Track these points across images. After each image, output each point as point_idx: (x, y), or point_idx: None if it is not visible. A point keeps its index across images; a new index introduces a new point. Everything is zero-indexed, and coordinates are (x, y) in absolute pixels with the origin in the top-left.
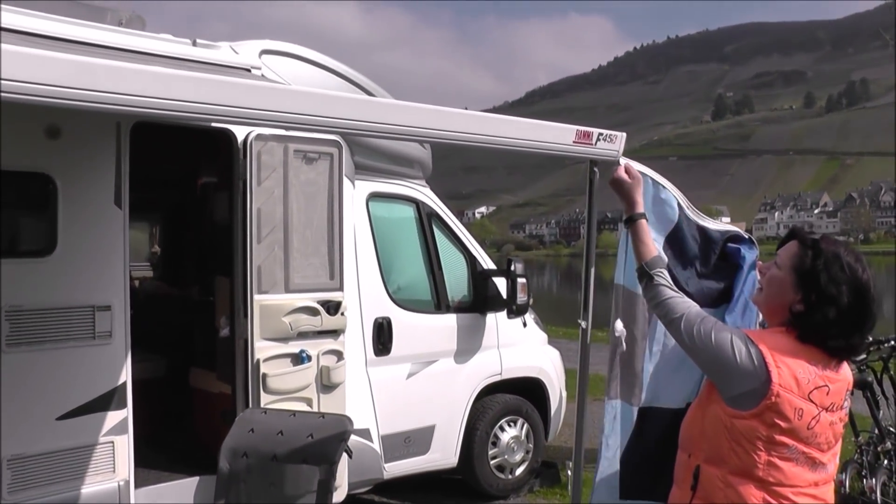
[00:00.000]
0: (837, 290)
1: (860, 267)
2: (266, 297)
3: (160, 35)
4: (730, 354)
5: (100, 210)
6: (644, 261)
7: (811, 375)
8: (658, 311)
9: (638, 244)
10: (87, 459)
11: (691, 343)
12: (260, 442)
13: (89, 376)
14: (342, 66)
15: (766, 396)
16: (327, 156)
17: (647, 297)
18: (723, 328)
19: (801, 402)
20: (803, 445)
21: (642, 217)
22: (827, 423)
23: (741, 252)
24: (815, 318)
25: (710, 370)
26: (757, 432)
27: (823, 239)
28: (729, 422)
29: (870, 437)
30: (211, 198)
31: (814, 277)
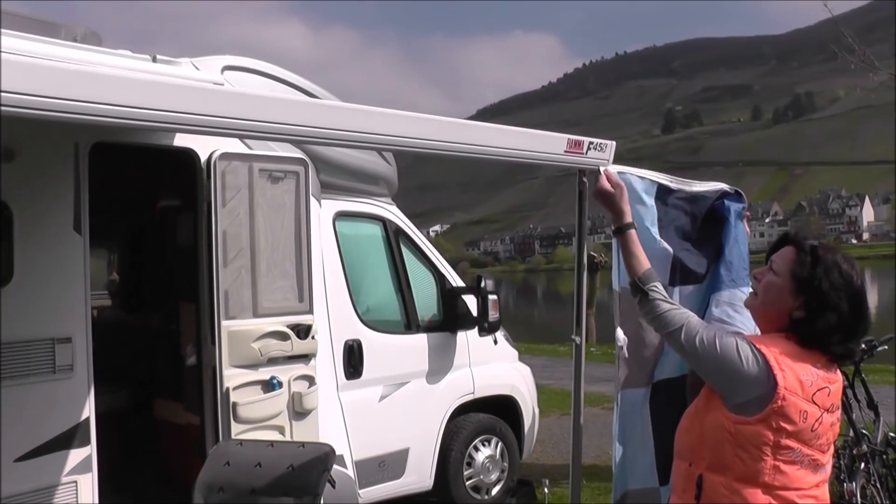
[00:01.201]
0: (838, 297)
1: (855, 273)
2: (234, 323)
3: (119, 51)
4: (736, 361)
5: (58, 236)
6: (637, 275)
7: (814, 378)
8: (656, 324)
9: (629, 257)
10: (49, 501)
11: (693, 352)
12: (237, 475)
13: (50, 413)
14: (306, 82)
15: (772, 401)
16: (293, 174)
17: (644, 311)
18: (726, 334)
19: (806, 404)
20: (807, 448)
21: (631, 227)
22: (828, 423)
23: (725, 204)
24: (818, 325)
25: (715, 378)
26: (763, 437)
27: (821, 245)
28: (733, 428)
29: (845, 440)
30: (173, 221)
31: (814, 284)
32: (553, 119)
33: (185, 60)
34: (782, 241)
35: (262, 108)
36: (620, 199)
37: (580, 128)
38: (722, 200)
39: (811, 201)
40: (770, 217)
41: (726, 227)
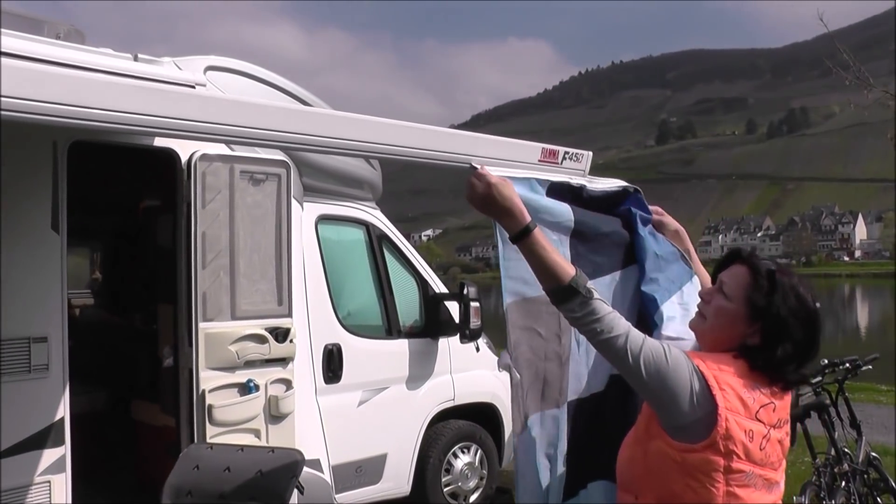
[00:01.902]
0: (794, 326)
1: (811, 297)
2: (211, 325)
3: (100, 49)
4: (685, 377)
5: (35, 235)
6: (570, 277)
7: (756, 394)
8: (594, 328)
9: (546, 260)
10: (22, 501)
11: (637, 364)
12: (205, 479)
13: (24, 413)
14: (290, 83)
15: (715, 425)
16: (275, 177)
17: (579, 315)
18: (673, 350)
19: (751, 423)
20: (759, 468)
21: (535, 225)
22: (776, 440)
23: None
24: (777, 355)
25: (659, 396)
26: (713, 464)
27: (778, 268)
28: (679, 457)
29: (827, 458)
30: (154, 221)
31: (772, 311)
32: (546, 127)
33: (168, 60)
34: (731, 257)
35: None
36: (512, 196)
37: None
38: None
39: (803, 217)
40: (762, 231)
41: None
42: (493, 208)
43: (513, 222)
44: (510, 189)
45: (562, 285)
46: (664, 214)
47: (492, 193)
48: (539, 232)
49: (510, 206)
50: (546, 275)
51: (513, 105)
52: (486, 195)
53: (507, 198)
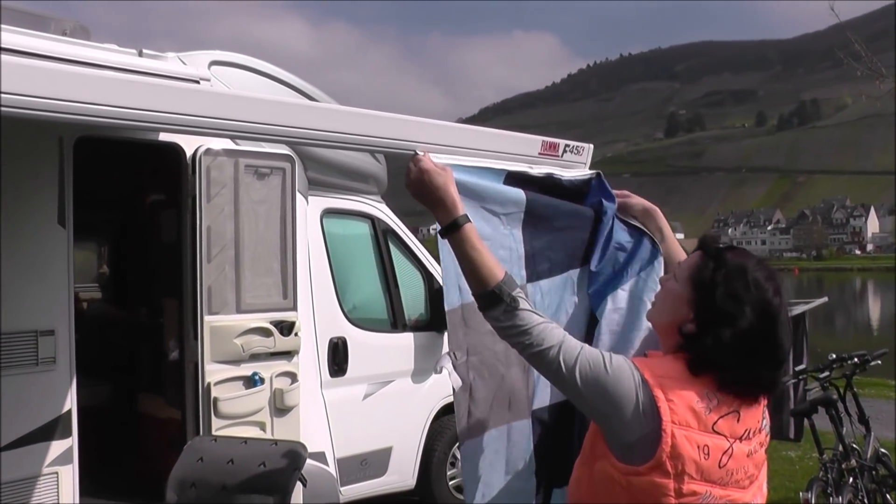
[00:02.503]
0: (736, 309)
1: (771, 287)
2: (217, 319)
3: (105, 45)
4: (629, 388)
5: (42, 229)
6: (496, 282)
7: (712, 402)
8: (521, 340)
9: (474, 260)
10: (30, 492)
11: (572, 376)
12: (209, 472)
13: (31, 405)
14: (295, 77)
15: (660, 442)
16: (279, 171)
17: (505, 325)
18: (613, 354)
19: (705, 437)
20: (719, 489)
21: (466, 220)
22: (743, 454)
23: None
24: (706, 342)
25: (602, 411)
26: (661, 488)
27: (732, 249)
28: (624, 480)
29: (834, 454)
30: (159, 216)
31: (711, 291)
32: (554, 120)
33: (172, 55)
34: (698, 245)
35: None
36: (447, 186)
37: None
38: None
39: (814, 210)
40: (772, 225)
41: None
42: (424, 197)
43: (443, 214)
44: (445, 178)
45: (486, 290)
46: (630, 195)
47: (423, 180)
48: (471, 228)
49: (442, 197)
50: (472, 276)
51: (520, 98)
52: (418, 181)
53: (438, 187)
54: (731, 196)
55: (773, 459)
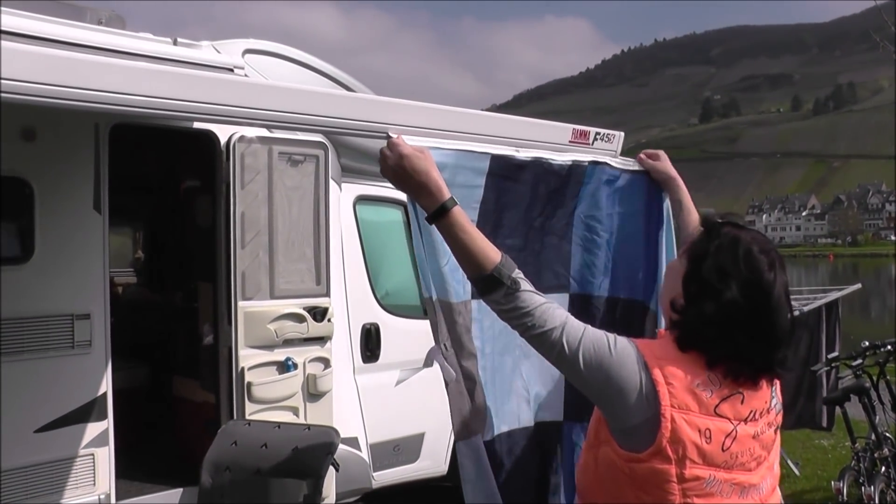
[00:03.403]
0: (721, 282)
1: (765, 261)
2: (250, 304)
3: (141, 34)
4: (633, 370)
5: (78, 215)
6: (493, 265)
7: (714, 385)
8: (522, 321)
9: (468, 244)
10: (67, 473)
11: (575, 358)
12: (243, 455)
13: (68, 387)
14: (328, 65)
15: (660, 427)
16: (313, 158)
17: (506, 307)
18: (618, 339)
19: (707, 420)
20: (724, 472)
21: (454, 203)
22: (748, 436)
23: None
24: (687, 316)
25: (605, 394)
26: (663, 474)
27: (731, 223)
28: (627, 467)
29: (866, 443)
30: (194, 202)
31: (700, 263)
32: (589, 106)
33: (206, 44)
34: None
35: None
36: (429, 170)
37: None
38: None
39: (850, 195)
40: (807, 210)
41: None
42: (405, 183)
43: (428, 199)
44: (426, 161)
45: (483, 274)
46: (660, 157)
47: (403, 165)
48: (459, 211)
49: (425, 181)
50: (467, 261)
51: (555, 84)
52: (398, 167)
53: (420, 171)
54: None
55: (805, 448)
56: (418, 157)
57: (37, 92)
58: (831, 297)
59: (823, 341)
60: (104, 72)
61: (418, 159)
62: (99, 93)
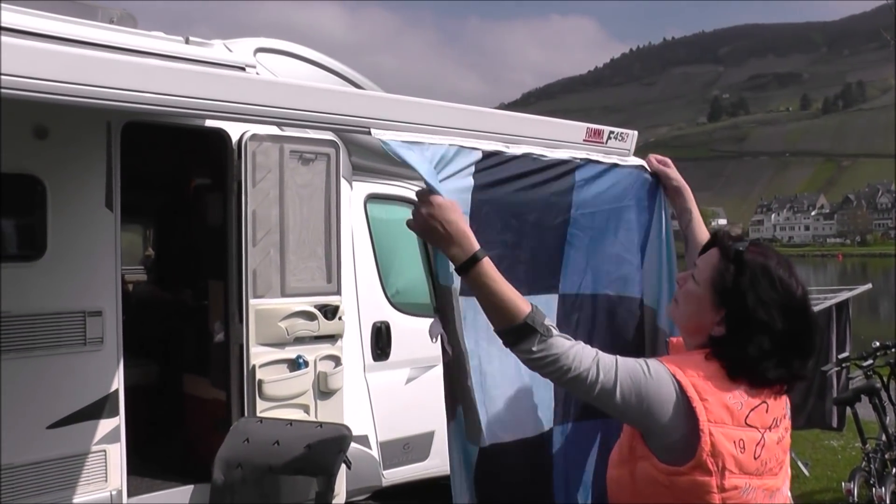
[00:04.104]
0: (769, 315)
1: (794, 282)
2: (261, 302)
3: (152, 33)
4: (670, 394)
5: (90, 213)
6: (524, 314)
7: (743, 397)
8: (555, 367)
9: (498, 294)
10: (79, 468)
11: (612, 393)
12: (255, 452)
13: (80, 383)
14: (339, 64)
15: (700, 442)
16: (324, 156)
17: (537, 356)
18: (649, 362)
19: (740, 431)
20: (756, 479)
21: (485, 254)
22: (773, 442)
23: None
24: (747, 350)
25: (644, 419)
26: (704, 486)
27: (750, 248)
28: (667, 480)
29: (877, 444)
30: (204, 199)
31: (738, 298)
32: (597, 104)
33: (218, 42)
34: (711, 242)
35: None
36: (459, 219)
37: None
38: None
39: (859, 195)
40: (816, 210)
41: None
42: (436, 234)
43: (459, 249)
44: (457, 212)
45: (515, 324)
46: (670, 165)
47: (435, 215)
48: (488, 262)
49: (455, 232)
50: (497, 311)
51: (563, 82)
52: (430, 217)
53: (452, 221)
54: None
55: (815, 449)
56: (450, 208)
57: (49, 89)
58: (841, 297)
59: (834, 341)
60: (116, 69)
61: (450, 210)
62: (111, 90)
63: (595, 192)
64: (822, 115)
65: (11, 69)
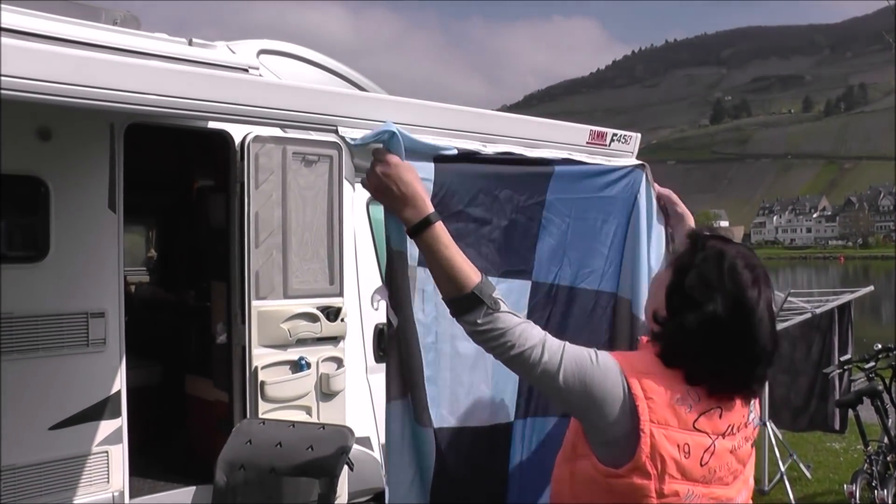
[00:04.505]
0: (704, 295)
1: (750, 276)
2: (264, 303)
3: (156, 34)
4: (616, 385)
5: (93, 214)
6: (473, 284)
7: (693, 399)
8: (500, 342)
9: (449, 260)
10: (81, 470)
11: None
12: (258, 454)
13: (83, 385)
14: (342, 66)
15: (639, 443)
16: (327, 158)
17: (483, 328)
18: (598, 352)
19: (686, 435)
20: (702, 486)
21: (438, 217)
22: (726, 450)
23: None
24: (669, 328)
25: (585, 409)
26: (642, 490)
27: (718, 237)
28: (605, 483)
29: (879, 446)
30: (207, 201)
31: (684, 274)
32: (600, 106)
33: (221, 44)
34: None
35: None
36: (415, 181)
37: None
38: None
39: (861, 197)
40: (818, 212)
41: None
42: (390, 192)
43: (412, 211)
44: (413, 173)
45: (463, 293)
46: (676, 201)
47: (390, 174)
48: (441, 226)
49: (411, 193)
50: (446, 278)
51: (566, 84)
52: (384, 175)
53: (407, 182)
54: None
55: (817, 451)
56: (406, 168)
57: (53, 91)
58: (843, 299)
59: (836, 344)
60: (120, 71)
61: (406, 170)
62: (115, 92)
63: (575, 179)
64: (824, 118)
65: (15, 71)
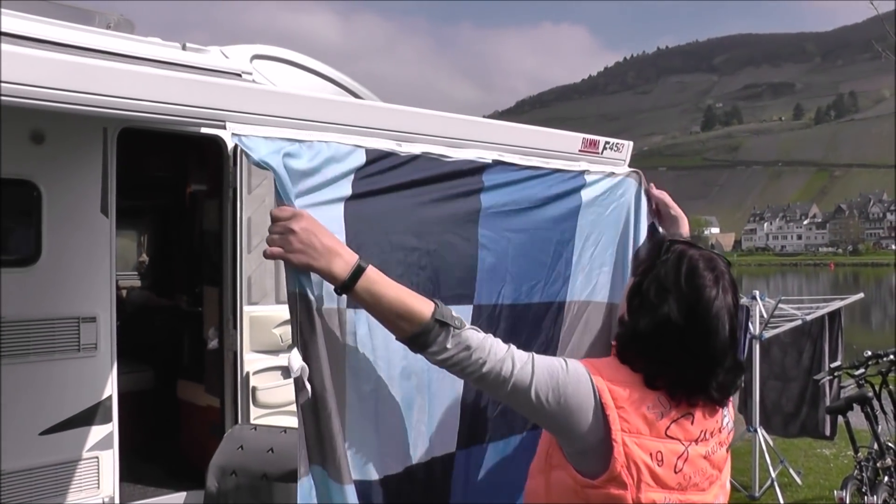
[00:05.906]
0: (658, 297)
1: (709, 278)
2: (256, 309)
3: (149, 39)
4: (587, 389)
5: (85, 218)
6: (430, 313)
7: (664, 406)
8: (469, 361)
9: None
10: (71, 475)
11: (526, 389)
12: (249, 460)
13: (74, 390)
14: (335, 71)
15: (612, 453)
16: None
17: (451, 353)
18: (568, 360)
19: (658, 443)
20: (678, 493)
21: (368, 262)
22: (699, 456)
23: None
24: (620, 331)
25: (558, 420)
26: (619, 500)
27: (686, 242)
28: (582, 493)
29: (869, 452)
30: (200, 206)
31: (645, 272)
32: (591, 113)
33: (215, 49)
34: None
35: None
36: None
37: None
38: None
39: (851, 204)
40: (809, 219)
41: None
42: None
43: (342, 264)
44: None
45: (424, 322)
46: (669, 203)
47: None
48: (374, 269)
49: (332, 244)
50: (398, 320)
51: (558, 91)
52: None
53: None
54: (767, 190)
55: (807, 457)
56: (312, 218)
57: (46, 96)
58: (834, 306)
59: (826, 350)
60: (114, 76)
61: (313, 220)
62: (108, 97)
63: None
64: (815, 125)
65: (9, 76)
